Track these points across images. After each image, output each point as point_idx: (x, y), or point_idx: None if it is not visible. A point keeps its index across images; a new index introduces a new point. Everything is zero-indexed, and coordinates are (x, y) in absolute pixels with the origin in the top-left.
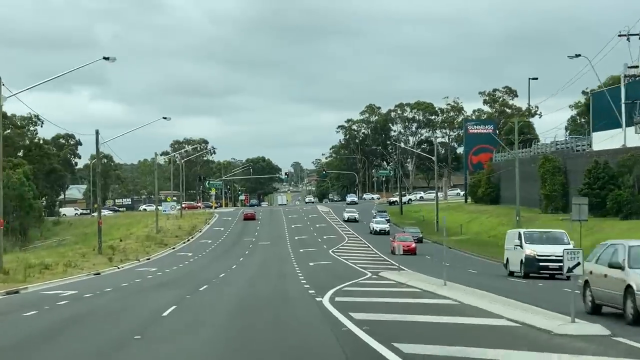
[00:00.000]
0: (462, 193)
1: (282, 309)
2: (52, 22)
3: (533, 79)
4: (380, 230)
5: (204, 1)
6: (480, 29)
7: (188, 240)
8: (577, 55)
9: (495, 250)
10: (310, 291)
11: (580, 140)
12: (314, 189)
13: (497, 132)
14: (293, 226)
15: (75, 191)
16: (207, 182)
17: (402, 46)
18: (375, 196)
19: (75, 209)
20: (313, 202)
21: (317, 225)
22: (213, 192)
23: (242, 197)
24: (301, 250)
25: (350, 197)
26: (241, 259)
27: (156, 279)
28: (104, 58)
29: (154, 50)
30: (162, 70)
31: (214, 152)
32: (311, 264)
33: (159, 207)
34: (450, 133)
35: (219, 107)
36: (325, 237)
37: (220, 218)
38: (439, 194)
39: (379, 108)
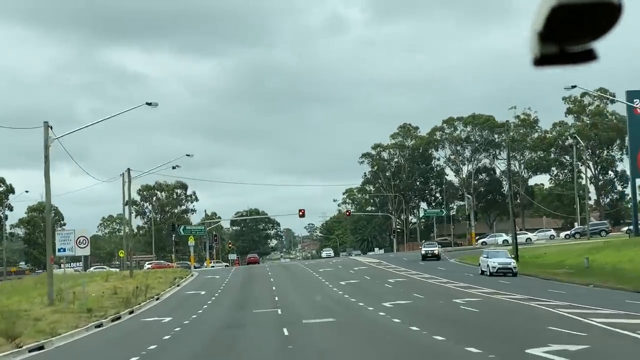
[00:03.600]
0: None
1: None
2: (30, 98)
3: None
4: None
5: (183, 73)
6: (461, 93)
7: (115, 319)
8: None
9: None
10: None
11: None
12: (310, 254)
13: None
14: (343, 283)
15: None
16: (183, 228)
17: (385, 112)
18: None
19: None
20: (332, 256)
21: (394, 280)
22: (191, 241)
23: (232, 257)
24: None
25: (501, 261)
26: None
27: None
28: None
29: (134, 124)
30: (142, 144)
31: (196, 199)
32: None
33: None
34: (521, 157)
35: (202, 180)
36: (460, 300)
37: (200, 277)
38: (516, 235)
39: (417, 128)
